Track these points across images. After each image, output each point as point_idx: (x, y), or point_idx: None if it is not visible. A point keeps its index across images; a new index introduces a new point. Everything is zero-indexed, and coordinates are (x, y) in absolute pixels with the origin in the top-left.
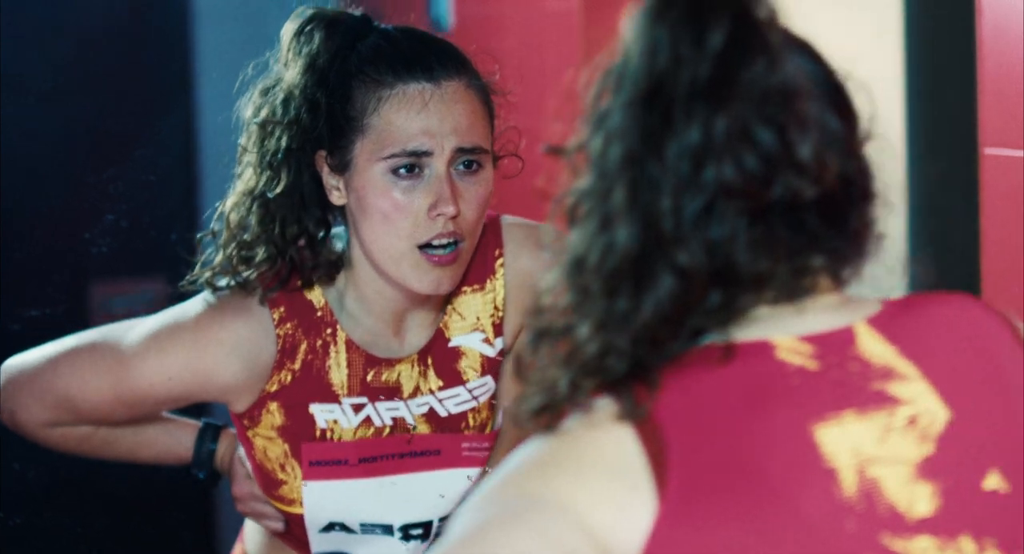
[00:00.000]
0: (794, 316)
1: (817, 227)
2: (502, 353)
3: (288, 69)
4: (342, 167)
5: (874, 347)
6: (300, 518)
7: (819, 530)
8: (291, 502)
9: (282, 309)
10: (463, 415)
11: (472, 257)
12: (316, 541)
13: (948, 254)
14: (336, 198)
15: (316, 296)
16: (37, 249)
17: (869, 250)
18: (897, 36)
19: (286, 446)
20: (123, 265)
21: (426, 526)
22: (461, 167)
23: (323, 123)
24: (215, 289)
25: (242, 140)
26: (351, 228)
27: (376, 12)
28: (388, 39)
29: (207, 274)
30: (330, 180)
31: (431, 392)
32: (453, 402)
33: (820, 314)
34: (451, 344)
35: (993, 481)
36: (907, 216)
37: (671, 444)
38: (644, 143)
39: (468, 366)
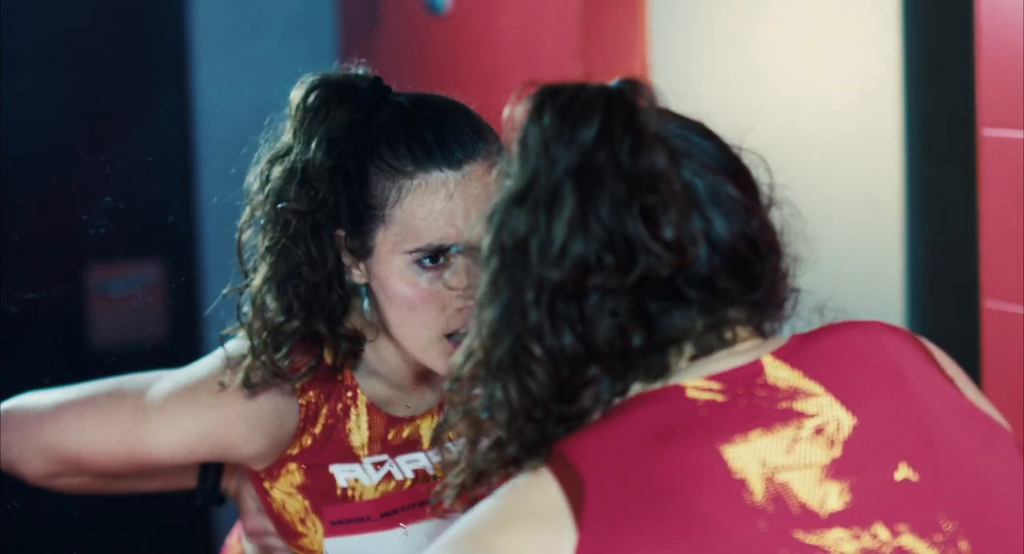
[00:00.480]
0: (705, 363)
1: (729, 284)
2: None
3: (297, 141)
4: (363, 253)
5: (780, 373)
6: None
7: (733, 535)
8: (311, 553)
9: (304, 379)
10: None
11: None
12: None
13: (947, 235)
14: (357, 277)
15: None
16: (34, 231)
17: (785, 301)
18: (895, 16)
19: (306, 503)
20: (120, 247)
21: None
22: None
23: (343, 205)
24: (251, 385)
25: (249, 211)
26: (373, 306)
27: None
28: (405, 117)
29: (242, 372)
30: (349, 260)
31: (450, 439)
32: None
33: (730, 358)
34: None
35: (903, 472)
36: (906, 198)
37: (587, 481)
38: (510, 238)
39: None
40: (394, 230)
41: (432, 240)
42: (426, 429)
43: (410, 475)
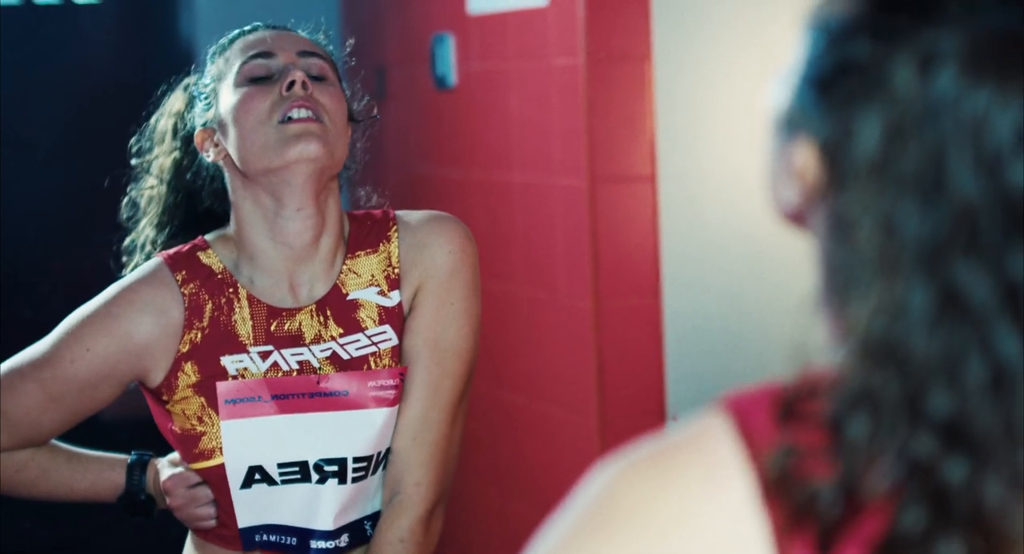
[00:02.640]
0: None
1: None
2: (400, 306)
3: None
4: (215, 119)
5: None
6: (223, 483)
7: None
8: (211, 453)
9: (184, 272)
10: (364, 358)
11: (367, 229)
12: (240, 505)
13: None
14: (213, 154)
15: (213, 261)
16: (44, 308)
17: None
18: None
19: (202, 399)
20: None
21: (341, 463)
22: (311, 78)
23: (195, 110)
24: (123, 266)
25: (150, 140)
26: (229, 181)
27: (380, 69)
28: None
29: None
30: (206, 145)
31: (332, 338)
32: (354, 347)
33: None
34: (348, 297)
35: None
36: None
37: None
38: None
39: (366, 315)
40: (225, 71)
41: (251, 52)
42: (307, 325)
43: (295, 366)
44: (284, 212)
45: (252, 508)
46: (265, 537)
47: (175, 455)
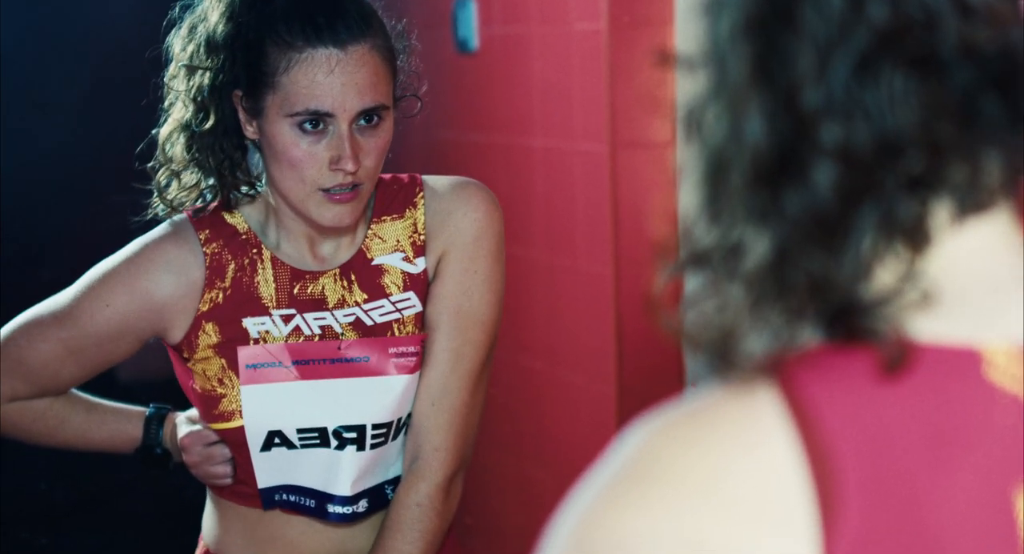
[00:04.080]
0: (1012, 296)
1: (996, 115)
2: (425, 273)
3: (211, 11)
4: (255, 112)
5: None
6: (243, 445)
7: None
8: (231, 415)
9: (207, 231)
10: (388, 325)
11: (393, 194)
12: (260, 466)
13: None
14: (250, 133)
15: (239, 221)
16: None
17: None
18: None
19: (223, 361)
20: None
21: (359, 430)
22: (362, 122)
23: (241, 70)
24: (156, 215)
25: (170, 72)
26: (263, 162)
27: (403, 33)
28: (301, 4)
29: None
30: (244, 118)
31: (356, 304)
32: (378, 313)
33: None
34: (373, 262)
35: None
36: None
37: (846, 496)
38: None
39: (391, 281)
40: (280, 95)
41: (309, 106)
42: (330, 289)
43: (317, 331)
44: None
45: (272, 469)
46: (285, 496)
47: (193, 412)
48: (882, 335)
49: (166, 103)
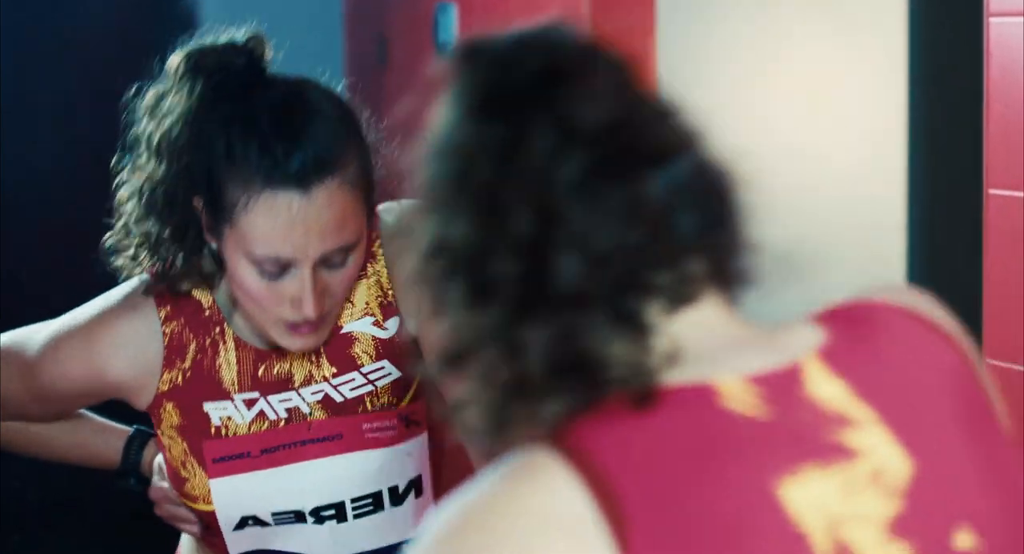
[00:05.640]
0: (730, 350)
1: (687, 222)
2: (399, 335)
3: (175, 102)
4: (215, 233)
5: (824, 388)
6: (207, 515)
7: None
8: (196, 499)
9: (168, 308)
10: (360, 399)
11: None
12: (232, 541)
13: (950, 292)
14: (211, 240)
15: (204, 296)
16: (40, 268)
17: (747, 249)
18: (902, 74)
19: (184, 445)
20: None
21: (338, 506)
22: (327, 264)
23: (200, 185)
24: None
25: (134, 133)
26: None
27: (382, 37)
28: (270, 118)
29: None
30: (206, 226)
31: (325, 379)
32: (348, 387)
33: (760, 346)
34: (343, 331)
35: (964, 540)
36: (908, 253)
37: (627, 506)
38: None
39: (362, 351)
40: (238, 234)
41: (269, 253)
42: (296, 366)
43: (283, 415)
44: None
45: (246, 541)
46: None
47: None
48: (630, 386)
49: (126, 170)
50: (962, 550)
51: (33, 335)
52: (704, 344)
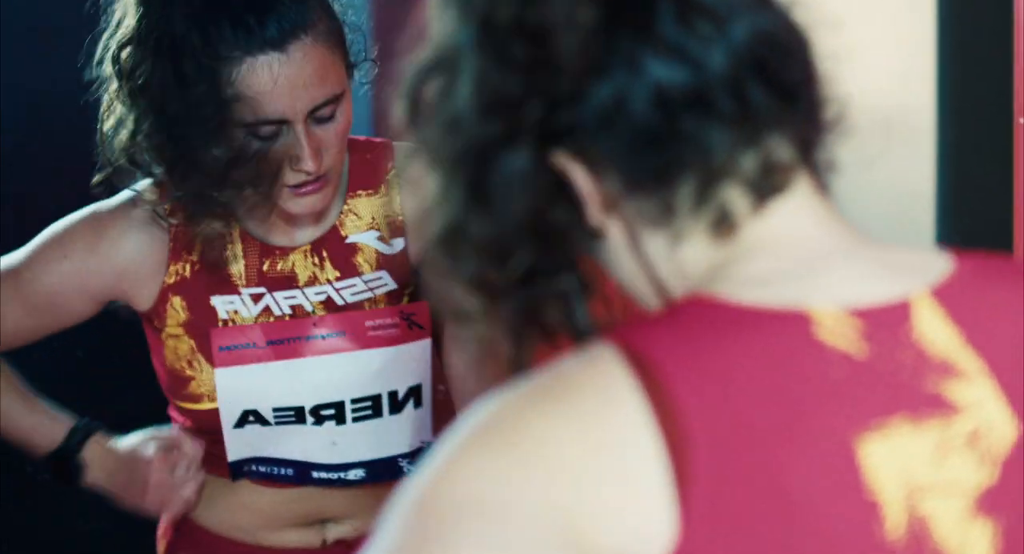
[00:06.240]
0: (834, 267)
1: (761, 97)
2: (404, 254)
3: (142, 20)
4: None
5: (934, 330)
6: (209, 415)
7: None
8: (199, 398)
9: (173, 203)
10: (360, 304)
11: (367, 165)
12: (232, 441)
13: (980, 225)
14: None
15: None
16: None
17: (828, 121)
18: (931, 4)
19: (192, 342)
20: None
21: (338, 406)
22: (318, 116)
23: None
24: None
25: (108, 100)
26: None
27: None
28: (228, 8)
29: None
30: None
31: (328, 282)
32: (349, 292)
33: (870, 268)
34: (347, 241)
35: None
36: (938, 186)
37: (696, 445)
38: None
39: (364, 260)
40: (231, 90)
41: (259, 116)
42: (300, 266)
43: (288, 311)
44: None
45: (244, 443)
46: (255, 468)
47: (137, 437)
48: (711, 299)
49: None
50: None
51: (20, 249)
52: (802, 252)
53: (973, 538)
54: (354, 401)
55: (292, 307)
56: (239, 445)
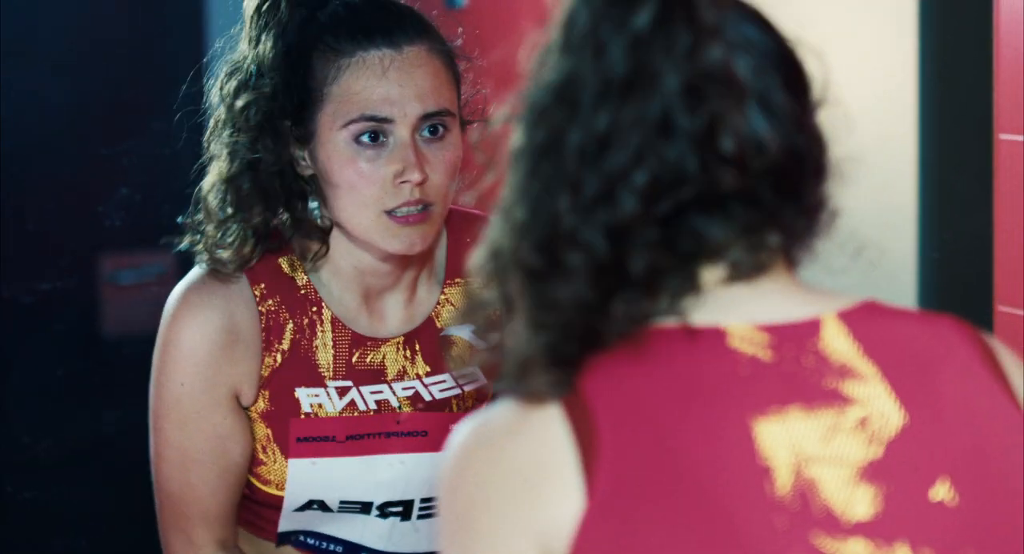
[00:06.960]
0: (755, 301)
1: (773, 201)
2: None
3: (251, 45)
4: (305, 138)
5: (836, 343)
6: (272, 498)
7: (746, 529)
8: (267, 483)
9: (263, 286)
10: (447, 401)
11: (463, 252)
12: (288, 519)
13: (961, 239)
14: (303, 169)
15: (298, 275)
16: (49, 222)
17: (822, 228)
18: (913, 21)
19: (269, 431)
20: (134, 239)
21: (407, 504)
22: (426, 133)
23: (286, 94)
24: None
25: (214, 118)
26: (321, 200)
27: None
28: (348, 7)
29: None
30: (296, 152)
31: (418, 377)
32: (438, 388)
33: (784, 301)
34: (443, 333)
35: (940, 492)
36: (920, 201)
37: (602, 433)
38: (546, 135)
39: (457, 355)
40: (331, 107)
41: (366, 111)
42: (391, 359)
43: (373, 407)
44: (376, 261)
45: (299, 522)
46: (304, 539)
47: None
48: (631, 328)
49: (210, 150)
50: (937, 501)
51: (153, 440)
52: (728, 291)
53: (856, 498)
54: (423, 500)
55: (377, 402)
56: (293, 523)
